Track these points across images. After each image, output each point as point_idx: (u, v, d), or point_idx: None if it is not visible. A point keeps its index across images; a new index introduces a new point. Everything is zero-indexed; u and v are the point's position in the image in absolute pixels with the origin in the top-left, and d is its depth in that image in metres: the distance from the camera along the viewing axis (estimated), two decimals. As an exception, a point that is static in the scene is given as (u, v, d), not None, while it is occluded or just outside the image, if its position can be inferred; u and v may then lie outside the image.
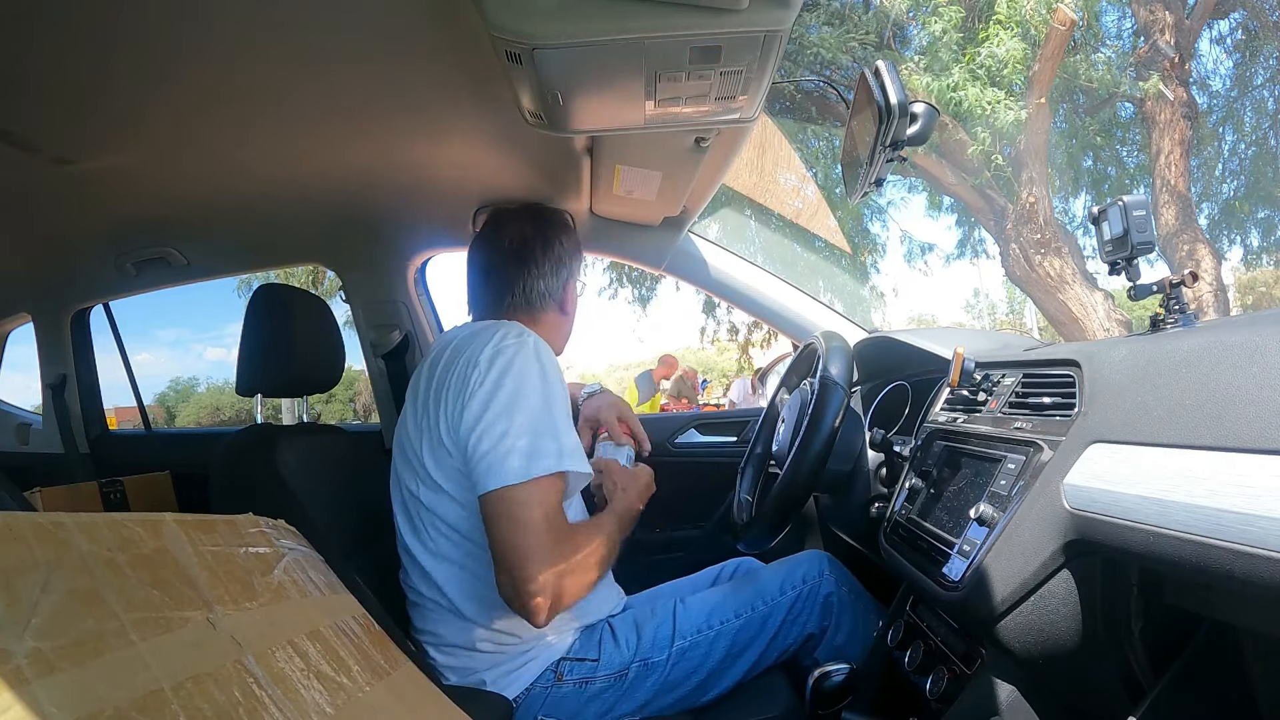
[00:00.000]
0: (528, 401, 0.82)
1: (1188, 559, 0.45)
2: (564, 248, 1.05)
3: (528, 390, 0.83)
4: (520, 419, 0.81)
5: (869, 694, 0.91)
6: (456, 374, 0.87)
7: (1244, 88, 6.59)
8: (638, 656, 0.94)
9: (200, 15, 0.71)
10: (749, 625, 0.99)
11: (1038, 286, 5.57)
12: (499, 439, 0.80)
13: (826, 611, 1.02)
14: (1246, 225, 7.05)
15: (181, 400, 18.25)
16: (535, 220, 1.06)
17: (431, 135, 1.06)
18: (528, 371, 0.84)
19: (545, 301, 1.03)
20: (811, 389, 1.02)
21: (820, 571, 1.04)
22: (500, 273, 1.02)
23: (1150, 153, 5.66)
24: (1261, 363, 0.47)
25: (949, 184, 6.06)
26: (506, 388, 0.83)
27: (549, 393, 0.84)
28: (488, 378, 0.84)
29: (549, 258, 1.02)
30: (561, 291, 1.04)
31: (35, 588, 0.34)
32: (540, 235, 1.03)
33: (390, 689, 0.56)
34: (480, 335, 0.89)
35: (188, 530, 0.48)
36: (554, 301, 1.04)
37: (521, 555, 0.76)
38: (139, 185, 1.16)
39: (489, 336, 0.88)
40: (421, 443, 0.90)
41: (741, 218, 6.58)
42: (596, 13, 0.67)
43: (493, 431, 0.80)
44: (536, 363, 0.86)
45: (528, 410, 0.82)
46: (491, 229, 1.07)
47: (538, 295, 1.02)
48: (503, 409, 0.81)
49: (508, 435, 0.80)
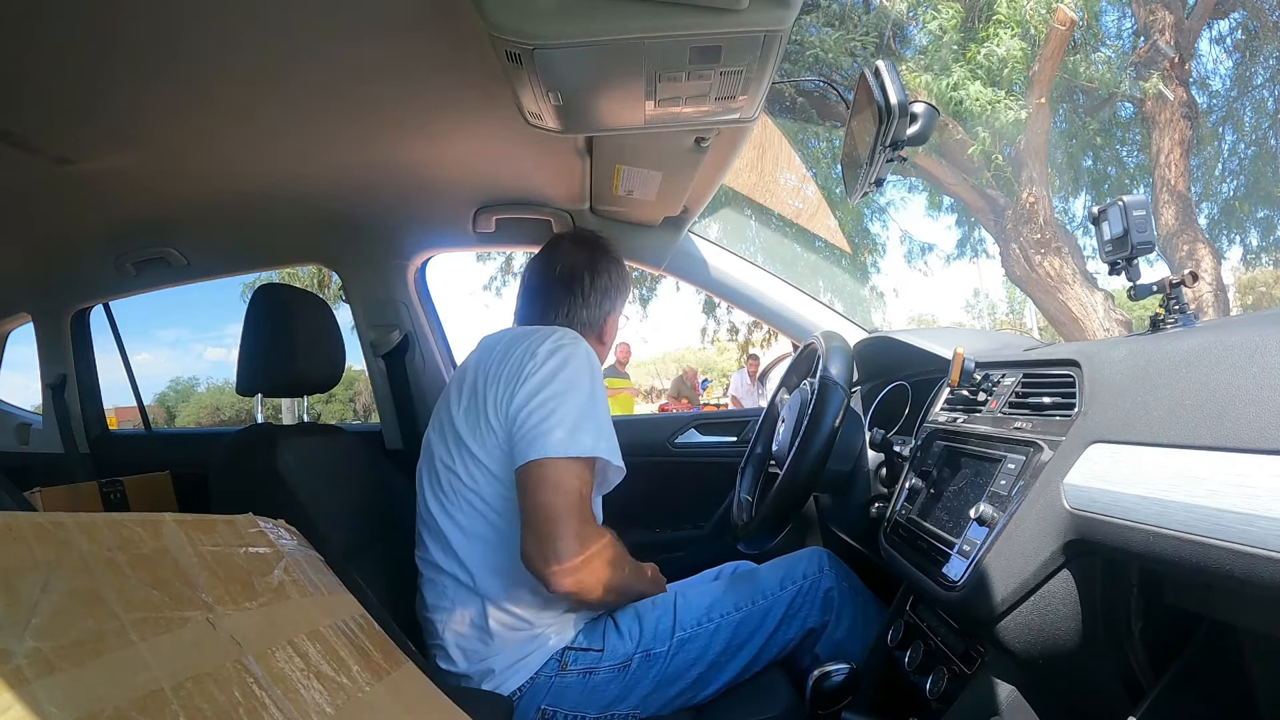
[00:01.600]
0: (577, 393, 0.89)
1: (1188, 559, 0.45)
2: (612, 281, 1.09)
3: (578, 384, 0.90)
4: (568, 406, 0.87)
5: (869, 694, 0.90)
6: (512, 362, 0.93)
7: (1244, 88, 6.59)
8: (640, 647, 0.95)
9: (200, 15, 0.71)
10: (749, 619, 1.00)
11: (1038, 286, 5.57)
12: (546, 417, 0.86)
13: (827, 606, 1.03)
14: (1246, 225, 7.06)
15: (181, 400, 18.26)
16: (589, 250, 1.10)
17: (431, 135, 1.06)
18: (580, 369, 0.91)
19: (586, 329, 1.07)
20: (811, 389, 1.02)
21: (820, 567, 1.05)
22: (548, 295, 1.07)
23: (1150, 153, 5.66)
24: (1261, 363, 0.47)
25: (949, 184, 6.06)
26: (560, 377, 0.89)
27: (595, 392, 0.91)
28: (544, 367, 0.90)
29: (596, 288, 1.07)
30: (603, 322, 1.09)
31: (35, 588, 0.34)
32: (590, 266, 1.08)
33: (390, 689, 0.56)
34: (538, 332, 0.96)
35: (188, 530, 0.48)
36: (594, 330, 1.09)
37: (551, 517, 0.82)
38: (139, 185, 1.16)
39: (546, 334, 0.95)
40: (464, 422, 0.95)
41: (741, 218, 6.58)
42: (596, 13, 0.67)
43: (541, 410, 0.87)
44: (588, 364, 0.93)
45: (576, 400, 0.88)
46: (548, 252, 1.11)
47: (580, 322, 1.06)
48: (553, 393, 0.88)
49: (554, 414, 0.86)
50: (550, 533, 0.82)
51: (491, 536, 0.93)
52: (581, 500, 0.85)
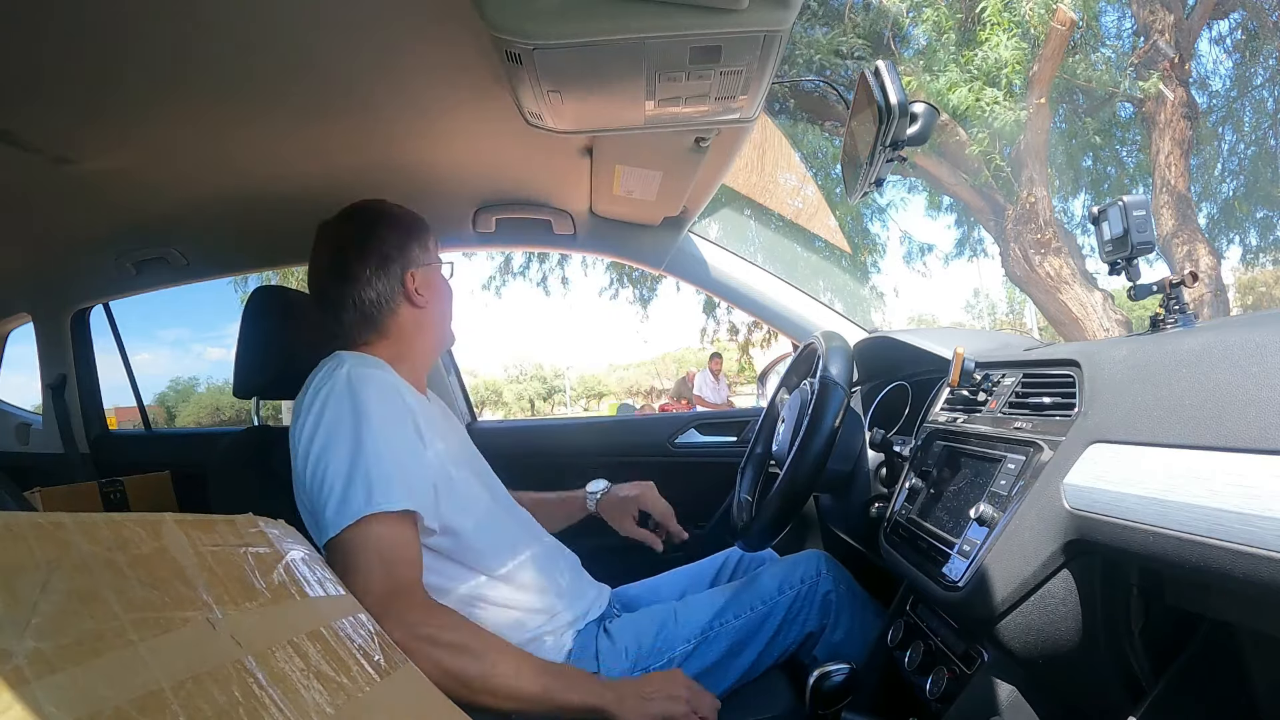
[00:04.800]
0: (338, 448, 0.78)
1: (1188, 559, 0.45)
2: (386, 242, 0.93)
3: (338, 434, 0.79)
4: (333, 469, 0.77)
5: (869, 694, 0.90)
6: (294, 426, 0.84)
7: (1244, 88, 6.59)
8: (639, 665, 0.93)
9: (200, 15, 0.71)
10: (748, 625, 0.99)
11: (1038, 286, 5.56)
12: (318, 490, 0.77)
13: (825, 609, 1.02)
14: (1246, 225, 7.06)
15: (181, 400, 18.25)
16: (349, 223, 0.96)
17: (432, 135, 1.06)
18: (338, 410, 0.80)
19: (386, 307, 0.93)
20: (811, 389, 1.02)
21: (818, 570, 1.04)
22: (330, 294, 0.93)
23: (1150, 153, 5.66)
24: (1261, 363, 0.47)
25: (949, 184, 6.06)
26: (319, 437, 0.79)
27: (362, 428, 0.78)
28: (305, 426, 0.81)
29: (368, 260, 0.92)
30: (401, 287, 0.93)
31: (35, 588, 0.34)
32: (354, 239, 0.93)
33: (390, 689, 0.56)
34: (310, 378, 0.86)
35: (187, 530, 0.48)
36: (398, 302, 0.94)
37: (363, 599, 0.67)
38: (139, 185, 1.16)
39: (312, 378, 0.86)
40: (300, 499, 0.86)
41: (741, 218, 6.58)
42: (596, 13, 0.67)
43: (314, 484, 0.78)
44: (348, 396, 0.81)
45: (338, 458, 0.77)
46: (314, 248, 0.96)
47: (373, 305, 0.92)
48: (317, 457, 0.78)
49: (321, 487, 0.77)
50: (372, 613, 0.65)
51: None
52: (382, 568, 0.73)
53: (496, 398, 24.99)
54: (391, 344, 0.95)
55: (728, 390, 7.79)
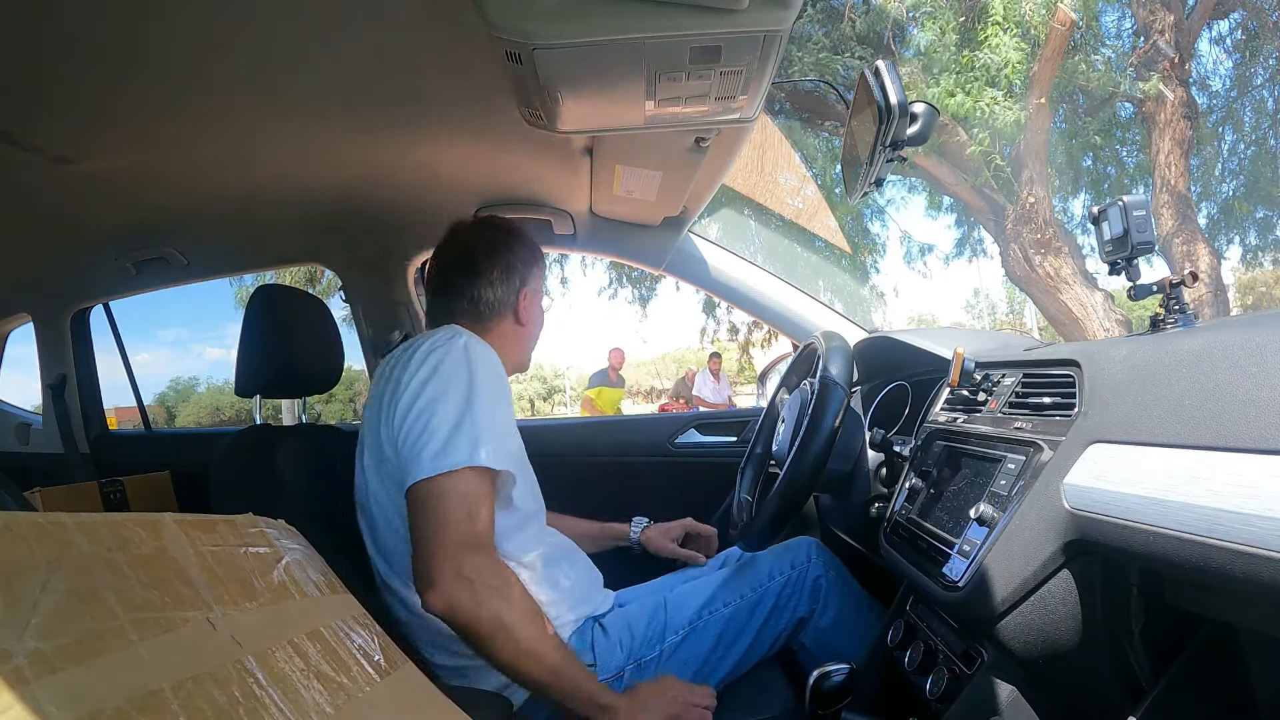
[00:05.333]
0: (450, 401, 0.82)
1: (1188, 559, 0.45)
2: (515, 255, 1.01)
3: (452, 390, 0.83)
4: (439, 418, 0.81)
5: (869, 694, 0.90)
6: (393, 379, 0.88)
7: (1244, 88, 6.59)
8: (632, 657, 0.94)
9: (200, 16, 0.71)
10: (738, 613, 0.99)
11: (1038, 286, 5.56)
12: (418, 435, 0.81)
13: (815, 594, 1.03)
14: (1246, 225, 7.06)
15: (181, 400, 18.25)
16: (486, 229, 1.04)
17: (431, 135, 1.06)
18: (454, 371, 0.85)
19: (497, 312, 1.00)
20: (811, 389, 1.02)
21: (809, 556, 1.06)
22: (449, 281, 1.01)
23: (1150, 153, 5.66)
24: (1261, 363, 0.47)
25: (949, 184, 6.06)
26: (430, 387, 0.83)
27: (474, 394, 0.83)
28: (414, 380, 0.85)
29: (497, 265, 1.00)
30: (515, 300, 1.01)
31: (35, 588, 0.34)
32: (488, 242, 1.01)
33: (390, 689, 0.56)
34: (415, 342, 0.90)
35: (187, 530, 0.48)
36: (507, 311, 1.01)
37: (426, 539, 0.76)
38: (139, 185, 1.16)
39: (421, 341, 0.89)
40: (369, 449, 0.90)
41: (741, 218, 6.58)
42: (596, 13, 0.67)
43: (414, 429, 0.81)
44: (464, 362, 0.85)
45: (449, 410, 0.82)
46: (445, 241, 1.05)
47: (487, 304, 0.99)
48: (423, 408, 0.82)
49: (424, 432, 0.80)
50: (424, 555, 0.75)
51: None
52: (465, 520, 0.77)
53: (496, 398, 24.84)
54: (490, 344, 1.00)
55: (729, 390, 7.76)
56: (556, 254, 7.54)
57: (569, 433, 1.82)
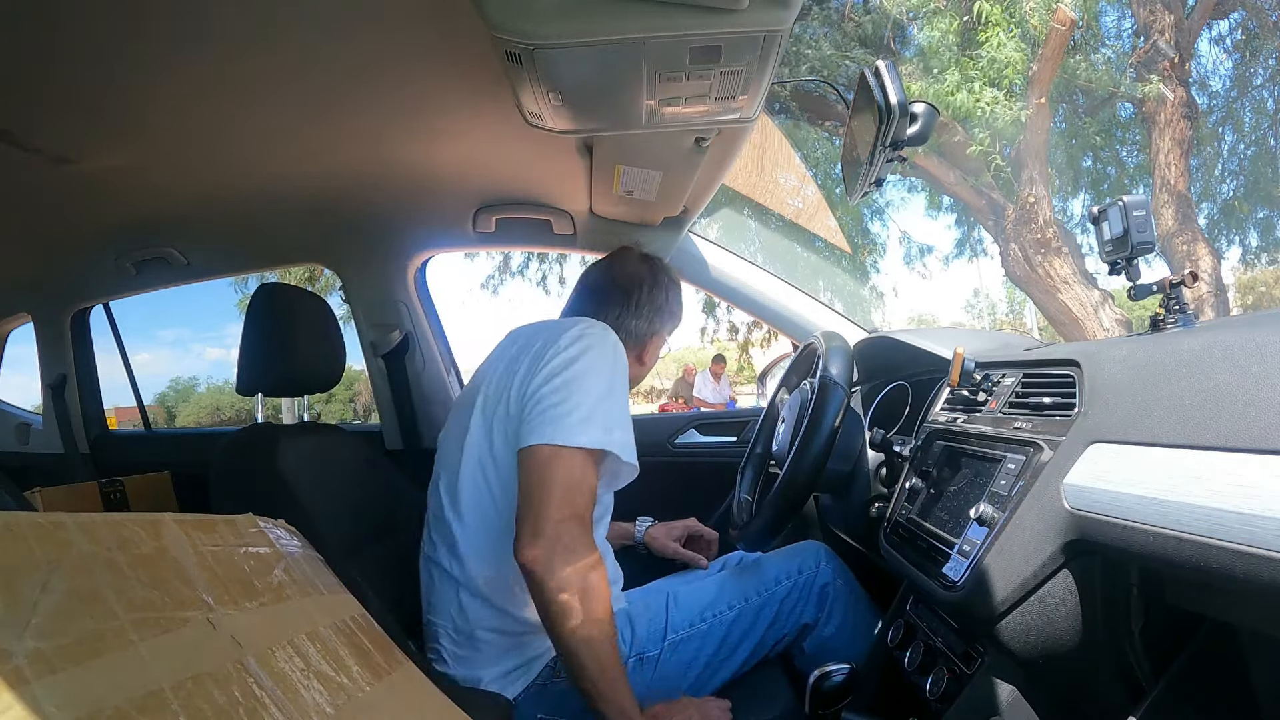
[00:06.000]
0: (594, 383, 0.86)
1: (1188, 559, 0.45)
2: (668, 301, 1.08)
3: (597, 374, 0.87)
4: (582, 394, 0.85)
5: (869, 694, 0.90)
6: (535, 349, 0.91)
7: (1244, 88, 6.59)
8: (633, 652, 0.94)
9: (199, 16, 0.71)
10: (743, 617, 0.99)
11: (1038, 286, 5.56)
12: (556, 404, 0.84)
13: (821, 602, 1.03)
14: (1246, 225, 7.05)
15: (181, 400, 18.24)
16: (653, 267, 1.10)
17: (431, 135, 1.06)
18: (602, 359, 0.89)
19: (630, 342, 1.05)
20: (811, 389, 1.02)
21: (817, 561, 1.06)
22: (603, 297, 1.06)
23: (1150, 153, 5.66)
24: (1261, 363, 0.47)
25: (949, 184, 6.06)
26: (578, 365, 0.87)
27: (615, 385, 0.88)
28: (563, 354, 0.88)
29: (651, 303, 1.06)
30: (648, 338, 1.07)
31: (35, 588, 0.34)
32: (652, 281, 1.07)
33: (390, 689, 0.56)
34: (567, 323, 0.94)
35: (187, 530, 0.48)
36: (637, 345, 1.07)
37: (538, 496, 0.79)
38: (139, 185, 1.16)
39: (574, 323, 0.93)
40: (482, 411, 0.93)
41: (741, 218, 6.58)
42: (596, 13, 0.67)
43: (553, 396, 0.84)
44: (612, 355, 0.90)
45: (592, 390, 0.85)
46: (614, 258, 1.11)
47: (626, 332, 1.04)
48: (568, 380, 0.86)
49: (565, 403, 0.83)
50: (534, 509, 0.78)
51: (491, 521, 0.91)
52: (579, 492, 0.80)
53: (496, 398, 24.86)
54: None
55: (730, 391, 7.76)
56: (556, 254, 7.54)
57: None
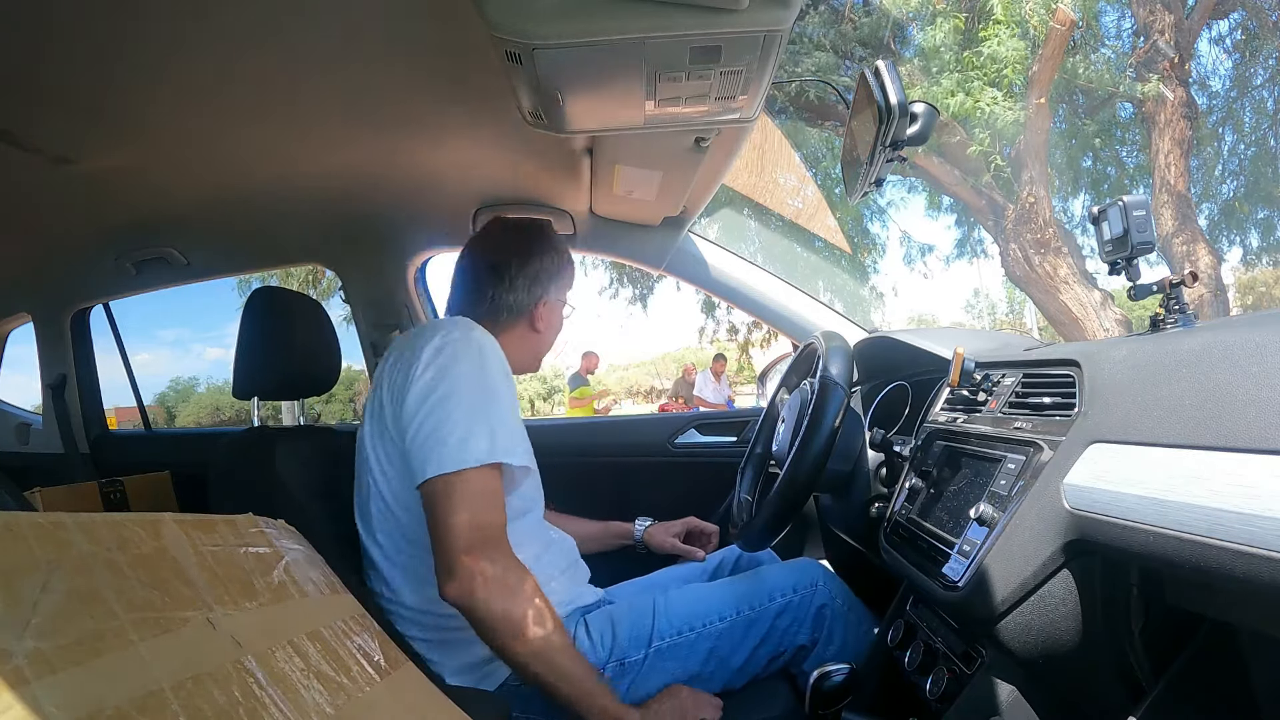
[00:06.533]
0: (464, 396, 0.83)
1: (1188, 559, 0.45)
2: (543, 265, 1.03)
3: (466, 384, 0.84)
4: (455, 412, 0.82)
5: (869, 694, 0.90)
6: (401, 368, 0.88)
7: (1244, 88, 6.59)
8: (613, 657, 0.91)
9: (200, 16, 0.71)
10: (734, 629, 0.95)
11: (1038, 286, 5.57)
12: (432, 430, 0.81)
13: (818, 623, 0.98)
14: (1246, 225, 7.06)
15: (181, 400, 18.24)
16: (522, 233, 1.05)
17: (431, 135, 1.06)
18: (467, 365, 0.85)
19: (514, 316, 1.02)
20: (811, 389, 1.02)
21: (814, 581, 1.01)
22: (473, 281, 1.02)
23: (1150, 153, 5.66)
24: (1261, 363, 0.47)
25: (949, 184, 6.06)
26: (444, 383, 0.84)
27: (487, 386, 0.85)
28: (427, 374, 0.85)
29: (524, 273, 1.01)
30: (533, 308, 1.03)
31: (35, 588, 0.34)
32: (520, 250, 1.02)
33: (390, 689, 0.56)
34: (427, 331, 0.90)
35: (187, 530, 0.48)
36: (524, 317, 1.03)
37: (449, 538, 0.77)
38: (139, 185, 1.16)
39: (435, 331, 0.89)
40: (371, 435, 0.91)
41: (741, 218, 6.58)
42: (596, 13, 0.67)
43: (428, 423, 0.82)
44: (478, 357, 0.86)
45: (463, 403, 0.83)
46: (480, 236, 1.07)
47: (506, 308, 1.01)
48: (437, 402, 0.83)
49: (441, 427, 0.81)
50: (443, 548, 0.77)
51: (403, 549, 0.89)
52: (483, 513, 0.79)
53: (496, 398, 24.90)
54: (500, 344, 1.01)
55: (730, 391, 7.76)
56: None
57: (569, 433, 1.82)
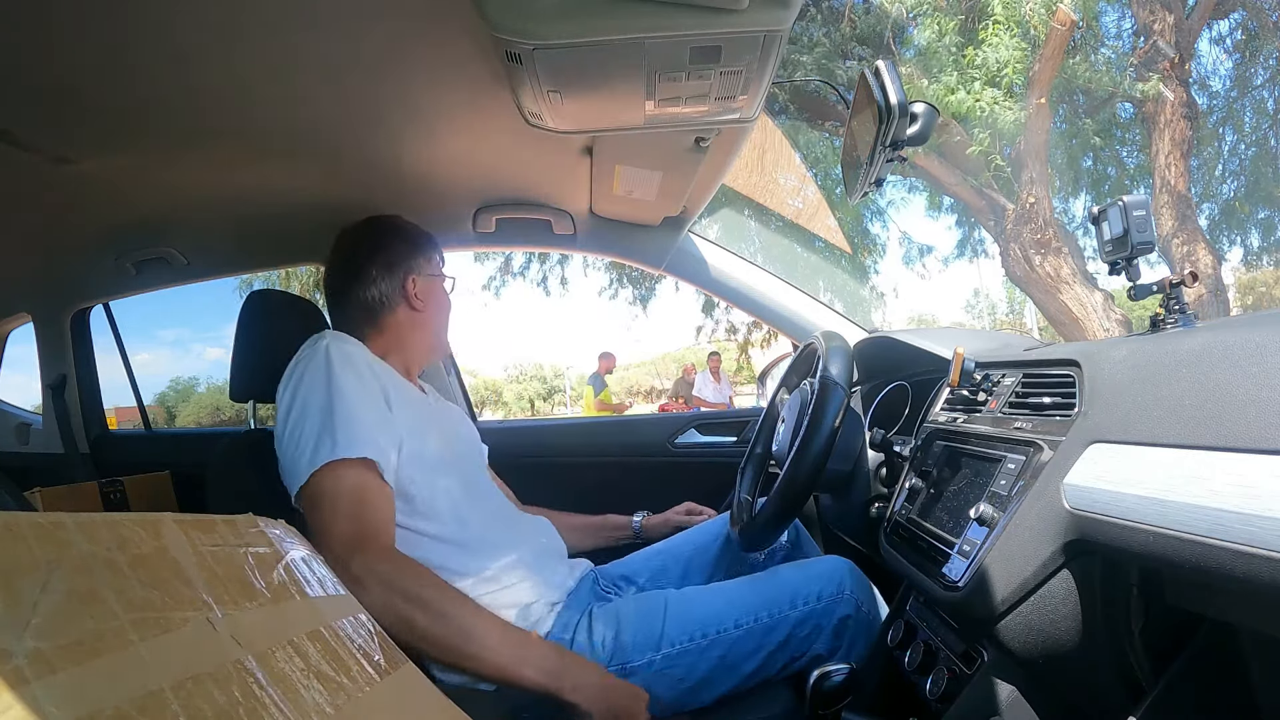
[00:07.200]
0: (310, 401, 0.85)
1: (1188, 559, 0.45)
2: (393, 249, 1.04)
3: (313, 393, 0.86)
4: (306, 421, 0.84)
5: (869, 694, 0.90)
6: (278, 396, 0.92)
7: (1244, 88, 6.59)
8: (615, 660, 0.87)
9: (200, 15, 0.71)
10: (749, 637, 0.91)
11: (1038, 286, 5.57)
12: (292, 444, 0.84)
13: (838, 635, 0.94)
14: (1246, 225, 7.06)
15: (181, 400, 18.24)
16: (365, 229, 1.06)
17: (431, 135, 1.06)
18: (314, 374, 0.87)
19: (388, 305, 1.02)
20: (811, 389, 1.02)
21: (839, 589, 0.95)
22: (335, 287, 1.04)
23: (1150, 153, 5.66)
24: (1261, 363, 0.47)
25: (949, 184, 6.06)
26: (298, 395, 0.87)
27: (334, 387, 0.86)
28: (285, 394, 0.89)
29: (376, 262, 1.02)
30: (401, 290, 1.03)
31: (35, 588, 0.34)
32: (366, 243, 1.04)
33: (391, 689, 0.56)
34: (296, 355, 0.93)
35: (187, 530, 0.48)
36: (398, 303, 1.03)
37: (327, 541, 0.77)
38: (139, 185, 1.16)
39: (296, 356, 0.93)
40: None
41: (741, 218, 6.58)
42: (596, 13, 0.67)
43: (289, 441, 0.85)
44: (324, 363, 0.88)
45: (311, 410, 0.85)
46: (333, 246, 1.07)
47: (375, 302, 1.02)
48: (292, 416, 0.86)
49: (300, 438, 0.83)
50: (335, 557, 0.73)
51: None
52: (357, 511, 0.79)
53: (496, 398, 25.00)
54: (386, 339, 1.03)
55: (730, 390, 7.75)
56: (557, 254, 7.54)
57: (569, 433, 1.82)
